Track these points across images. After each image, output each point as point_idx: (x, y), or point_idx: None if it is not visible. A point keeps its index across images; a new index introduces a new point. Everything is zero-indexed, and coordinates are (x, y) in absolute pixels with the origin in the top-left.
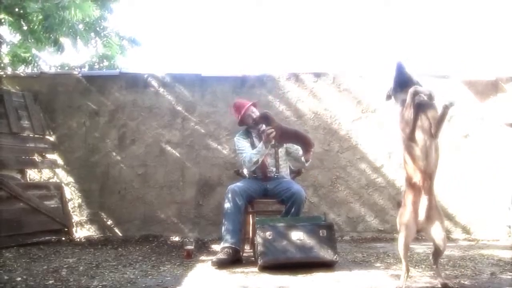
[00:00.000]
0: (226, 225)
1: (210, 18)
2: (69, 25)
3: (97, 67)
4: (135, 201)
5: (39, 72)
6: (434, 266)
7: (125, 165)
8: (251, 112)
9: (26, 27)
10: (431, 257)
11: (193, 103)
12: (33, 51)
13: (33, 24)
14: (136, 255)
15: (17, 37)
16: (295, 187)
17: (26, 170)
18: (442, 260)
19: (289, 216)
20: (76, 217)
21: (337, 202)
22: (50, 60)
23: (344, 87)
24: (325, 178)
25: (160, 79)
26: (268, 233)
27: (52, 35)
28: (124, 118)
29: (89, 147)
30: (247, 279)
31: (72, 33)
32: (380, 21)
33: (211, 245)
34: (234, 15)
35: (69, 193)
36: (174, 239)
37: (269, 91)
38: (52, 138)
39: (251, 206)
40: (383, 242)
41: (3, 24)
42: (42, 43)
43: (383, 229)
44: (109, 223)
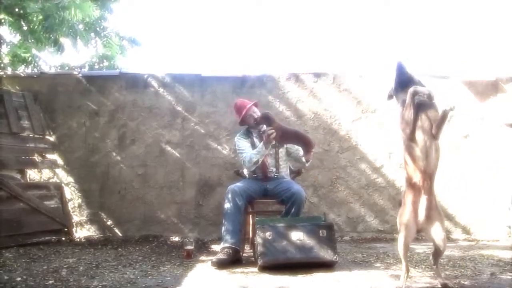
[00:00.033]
0: (226, 225)
1: (210, 18)
2: (69, 25)
3: (97, 67)
4: (135, 201)
5: (39, 72)
6: (434, 266)
7: (125, 165)
8: (252, 112)
9: (26, 27)
10: (431, 257)
11: (193, 103)
12: (33, 51)
13: (33, 24)
14: (136, 255)
15: (17, 37)
16: (295, 187)
17: (26, 170)
18: (442, 260)
19: (289, 216)
20: (76, 217)
21: (337, 202)
22: (50, 60)
23: (344, 87)
24: (325, 178)
25: (160, 79)
26: (268, 233)
27: (52, 35)
28: (124, 118)
29: (89, 147)
30: (247, 279)
31: (72, 33)
32: (380, 21)
33: (211, 245)
34: (234, 15)
35: (69, 193)
36: (174, 239)
37: (269, 91)
38: (52, 138)
39: (251, 206)
40: (383, 242)
41: (3, 24)
42: (42, 43)
43: (383, 229)
44: (109, 223)
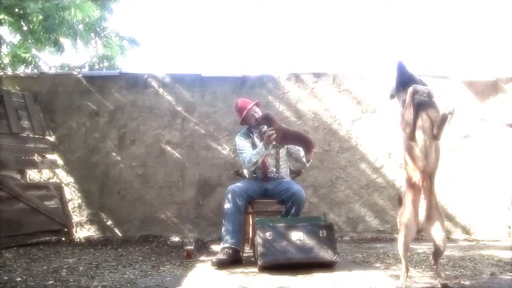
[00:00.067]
0: (226, 226)
1: (210, 18)
2: (69, 26)
3: (97, 67)
4: (135, 201)
5: (39, 72)
6: (434, 266)
7: (125, 166)
8: (253, 112)
9: (26, 28)
10: (431, 258)
11: (193, 104)
12: (33, 52)
13: (33, 24)
14: (136, 256)
15: (17, 38)
16: (295, 187)
17: (26, 170)
18: (442, 260)
19: (289, 216)
20: (76, 218)
21: (337, 202)
22: (50, 60)
23: (344, 87)
24: (325, 178)
25: (160, 79)
26: (268, 234)
27: (52, 36)
28: (124, 118)
29: (89, 147)
30: (247, 280)
31: (72, 33)
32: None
33: (211, 246)
34: (234, 15)
35: (69, 193)
36: (174, 239)
37: (269, 91)
38: (52, 138)
39: (251, 206)
40: (383, 242)
41: (3, 24)
42: (42, 44)
43: (383, 229)
44: (109, 223)
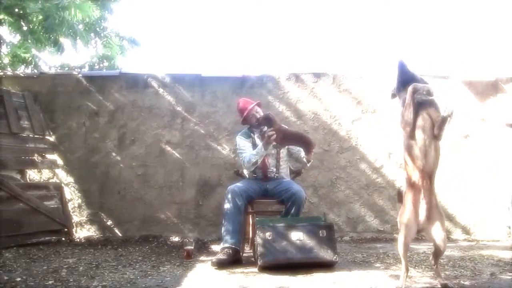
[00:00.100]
0: (226, 226)
1: (210, 18)
2: (69, 26)
3: (97, 67)
4: (135, 201)
5: (39, 72)
6: (434, 266)
7: (125, 166)
8: (255, 111)
9: (26, 28)
10: (431, 258)
11: (193, 104)
12: (33, 52)
13: (33, 24)
14: (136, 256)
15: (17, 38)
16: (295, 187)
17: (26, 170)
18: (442, 260)
19: (289, 216)
20: (76, 218)
21: (337, 202)
22: (50, 60)
23: (344, 87)
24: (325, 178)
25: (160, 79)
26: (268, 234)
27: (52, 36)
28: (124, 118)
29: (89, 147)
30: (247, 280)
31: (72, 33)
32: (380, 21)
33: (211, 246)
34: (234, 15)
35: (69, 193)
36: (174, 240)
37: (269, 91)
38: (52, 138)
39: (251, 206)
40: (383, 242)
41: (3, 24)
42: (42, 44)
43: (383, 229)
44: (109, 223)
